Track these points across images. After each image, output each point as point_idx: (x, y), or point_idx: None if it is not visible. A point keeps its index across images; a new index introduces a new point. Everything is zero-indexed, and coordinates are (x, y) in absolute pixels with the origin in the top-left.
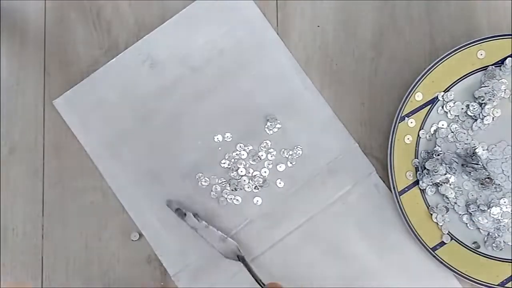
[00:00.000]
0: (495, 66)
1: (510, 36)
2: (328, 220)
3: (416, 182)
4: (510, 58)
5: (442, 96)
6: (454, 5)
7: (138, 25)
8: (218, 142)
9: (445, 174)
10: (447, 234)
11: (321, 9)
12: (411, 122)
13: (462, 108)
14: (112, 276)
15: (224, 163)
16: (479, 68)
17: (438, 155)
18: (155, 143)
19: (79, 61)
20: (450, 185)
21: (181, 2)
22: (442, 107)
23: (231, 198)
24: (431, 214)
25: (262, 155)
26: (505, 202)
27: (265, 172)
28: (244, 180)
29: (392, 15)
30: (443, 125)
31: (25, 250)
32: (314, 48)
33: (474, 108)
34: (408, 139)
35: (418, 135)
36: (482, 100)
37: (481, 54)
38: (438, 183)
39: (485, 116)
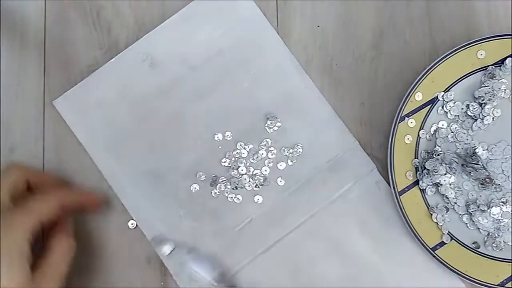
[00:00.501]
0: (495, 66)
1: (510, 36)
2: (329, 218)
3: (416, 182)
4: (510, 58)
5: (442, 96)
6: (454, 5)
7: (138, 25)
8: (218, 141)
9: (445, 174)
10: (447, 234)
11: (321, 9)
12: (411, 122)
13: (462, 108)
14: (112, 276)
15: (224, 162)
16: (479, 68)
17: (438, 155)
18: (155, 142)
19: (79, 61)
20: (450, 185)
21: (181, 2)
22: (442, 107)
23: (231, 197)
24: (431, 214)
25: (262, 154)
26: (505, 201)
27: (265, 170)
28: (245, 179)
29: (392, 15)
30: (443, 125)
31: None
32: (314, 48)
33: (474, 108)
34: (408, 139)
35: (418, 135)
36: (482, 100)
37: (481, 54)
38: (438, 183)
39: (485, 116)
